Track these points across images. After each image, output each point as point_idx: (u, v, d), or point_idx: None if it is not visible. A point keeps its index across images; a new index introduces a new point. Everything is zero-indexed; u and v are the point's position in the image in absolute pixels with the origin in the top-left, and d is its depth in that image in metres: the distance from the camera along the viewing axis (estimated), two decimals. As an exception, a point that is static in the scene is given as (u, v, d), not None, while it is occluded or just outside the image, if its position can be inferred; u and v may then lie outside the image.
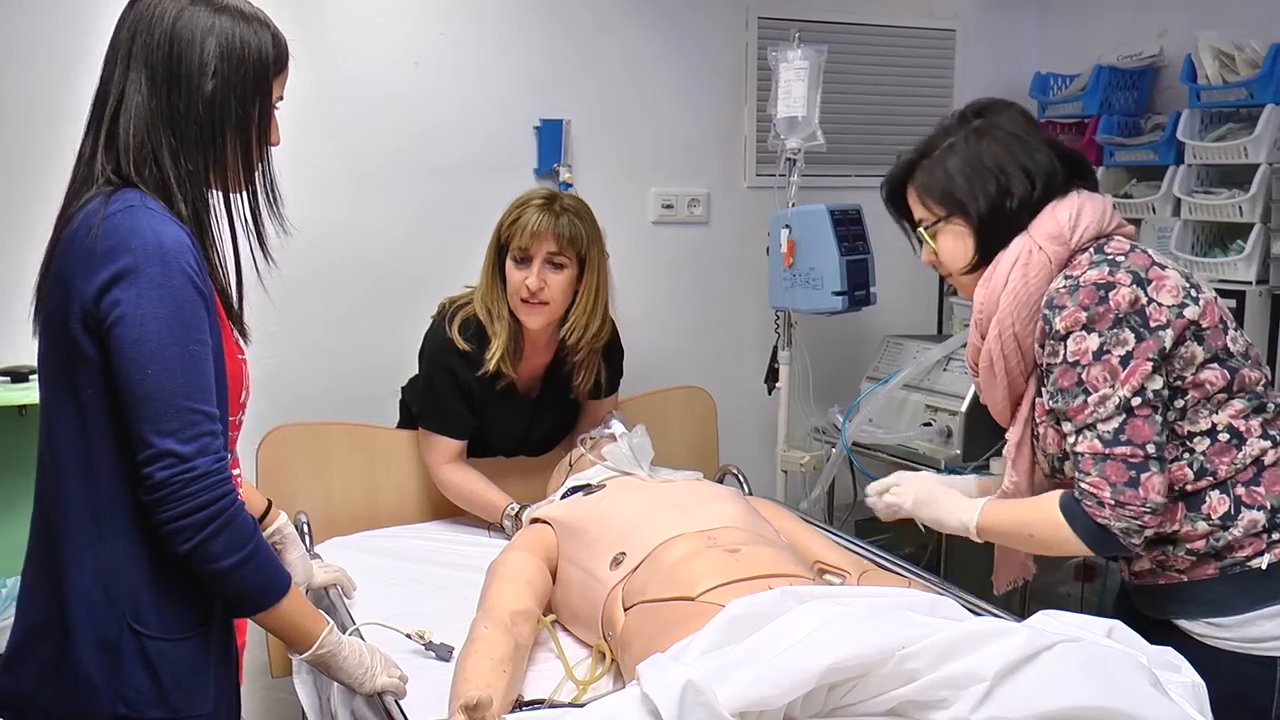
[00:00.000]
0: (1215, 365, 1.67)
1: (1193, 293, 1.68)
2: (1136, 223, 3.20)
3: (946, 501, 1.91)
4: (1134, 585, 1.81)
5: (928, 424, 2.88)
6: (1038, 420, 1.81)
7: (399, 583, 2.33)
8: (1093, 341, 1.65)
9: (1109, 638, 1.53)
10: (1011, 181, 1.78)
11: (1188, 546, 1.68)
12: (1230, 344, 1.69)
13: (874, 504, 2.05)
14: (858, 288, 2.85)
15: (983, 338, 1.83)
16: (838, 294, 2.81)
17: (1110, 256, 1.71)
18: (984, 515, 1.84)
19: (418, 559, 2.47)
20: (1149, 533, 1.64)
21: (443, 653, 1.92)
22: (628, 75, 3.15)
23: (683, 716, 1.19)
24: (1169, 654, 1.59)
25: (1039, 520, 1.73)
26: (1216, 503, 1.66)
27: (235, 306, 1.56)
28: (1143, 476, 1.62)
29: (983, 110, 1.87)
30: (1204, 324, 1.67)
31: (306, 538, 2.40)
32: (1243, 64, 2.96)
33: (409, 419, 2.74)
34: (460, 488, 2.59)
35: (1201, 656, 1.61)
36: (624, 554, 1.92)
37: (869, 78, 3.52)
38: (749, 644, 1.31)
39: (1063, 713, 1.32)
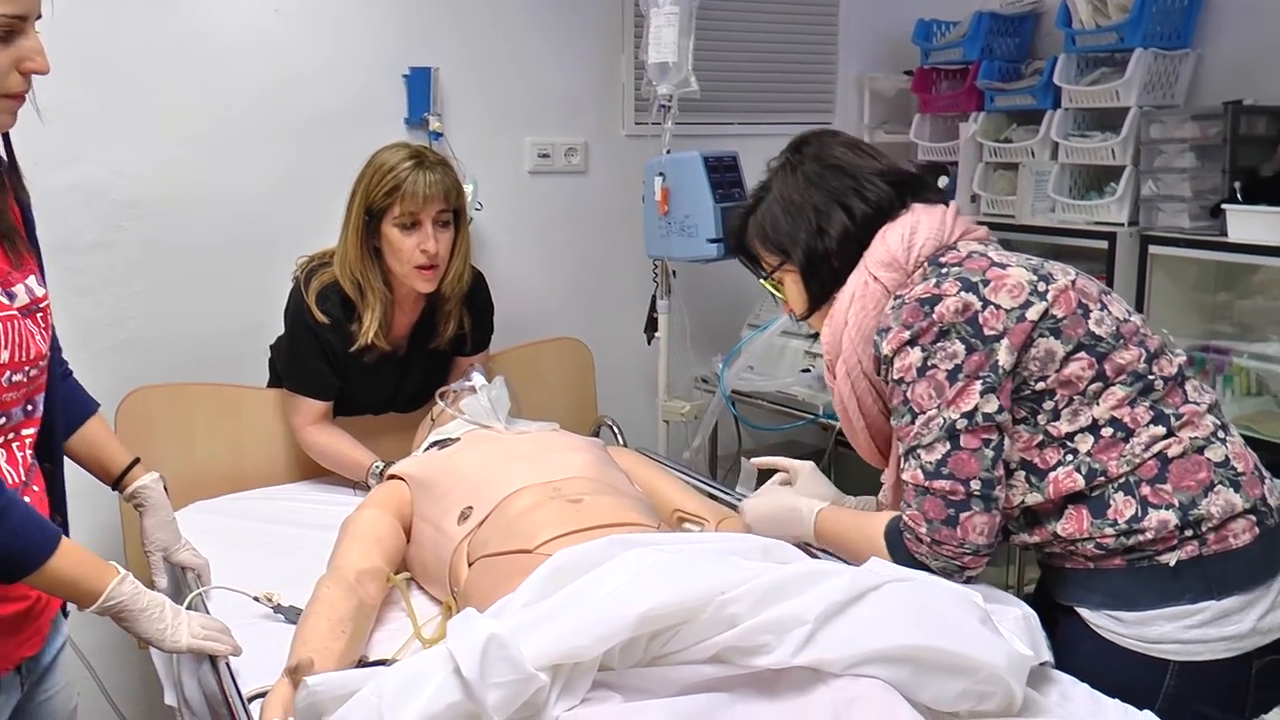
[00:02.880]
0: (1082, 355, 1.56)
1: (1039, 286, 1.57)
2: (1013, 167, 3.23)
3: (785, 518, 1.83)
4: (1043, 565, 1.72)
5: (806, 370, 2.89)
6: None
7: (260, 545, 2.28)
8: (915, 356, 1.56)
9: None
10: (823, 218, 1.70)
11: (1098, 540, 1.56)
12: (1095, 327, 1.58)
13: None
14: (734, 235, 2.82)
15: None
16: (713, 241, 2.78)
17: (941, 268, 1.62)
18: (821, 523, 1.77)
19: (281, 520, 2.41)
20: (973, 572, 1.56)
21: (291, 615, 1.87)
22: (499, 20, 3.07)
23: (484, 671, 1.16)
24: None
25: (868, 546, 1.64)
26: (1122, 505, 1.54)
27: None
28: (962, 516, 1.53)
29: (801, 145, 1.77)
30: (1059, 314, 1.56)
31: (162, 502, 2.33)
32: (1114, 8, 2.97)
33: (278, 378, 2.67)
34: (325, 448, 2.54)
35: (1096, 651, 1.59)
36: (471, 508, 1.89)
37: (750, 24, 3.48)
38: (563, 594, 1.29)
39: (885, 653, 1.31)
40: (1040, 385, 1.57)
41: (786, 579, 1.33)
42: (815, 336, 2.03)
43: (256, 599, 1.90)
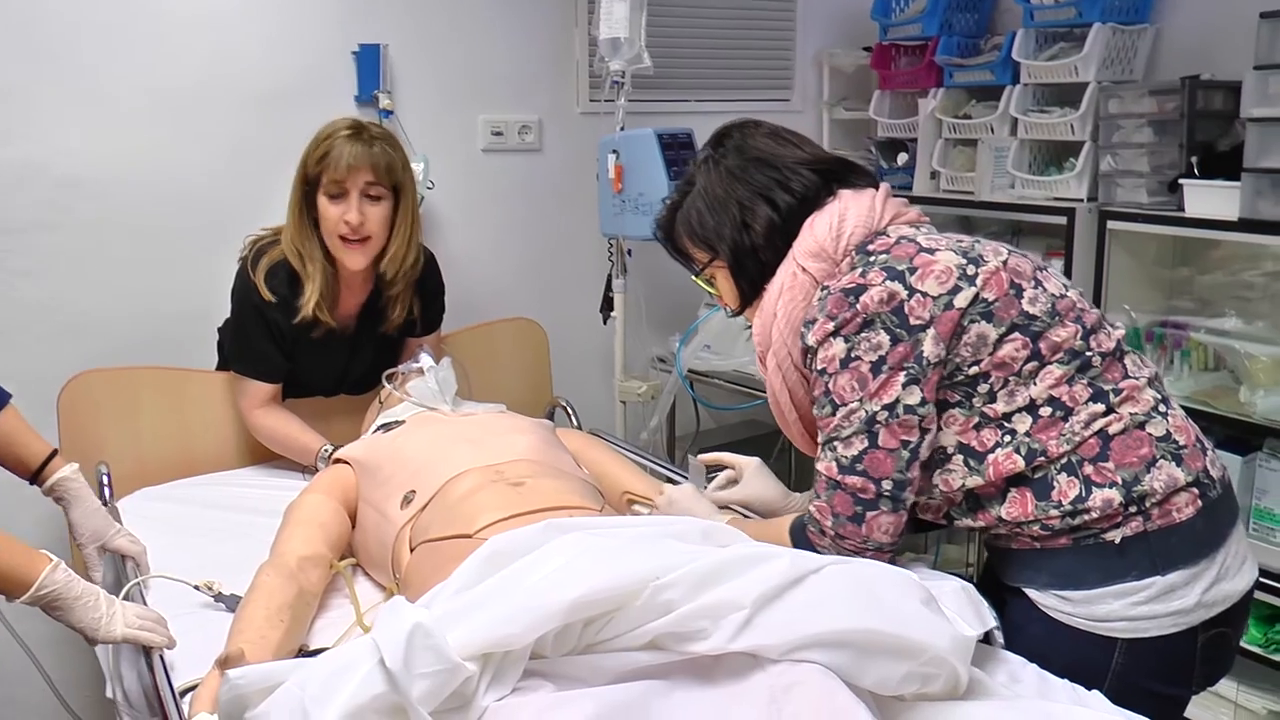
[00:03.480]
0: (1015, 336, 1.53)
1: (969, 270, 1.54)
2: (973, 143, 3.20)
3: (700, 510, 1.84)
4: (989, 546, 1.68)
5: (763, 350, 2.85)
6: None
7: (207, 532, 2.23)
8: (839, 347, 1.53)
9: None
10: (747, 213, 1.67)
11: (1043, 522, 1.53)
12: (1029, 306, 1.55)
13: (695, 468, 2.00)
14: (689, 213, 2.79)
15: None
16: (668, 220, 2.75)
17: (869, 256, 1.59)
18: None
19: (229, 506, 2.36)
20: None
21: (232, 604, 1.83)
22: (449, -4, 3.02)
23: (409, 661, 1.13)
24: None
25: (773, 541, 1.56)
26: (1066, 486, 1.52)
27: None
28: (869, 515, 1.53)
29: (722, 138, 1.75)
30: (990, 297, 1.53)
31: (107, 490, 2.29)
32: (1072, -18, 2.96)
33: (226, 361, 2.62)
34: (273, 431, 2.49)
35: (1044, 631, 1.57)
36: (414, 492, 1.85)
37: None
38: (495, 581, 1.25)
39: (825, 637, 1.28)
40: (973, 370, 1.54)
41: (724, 562, 1.30)
42: None
43: (197, 587, 1.86)
